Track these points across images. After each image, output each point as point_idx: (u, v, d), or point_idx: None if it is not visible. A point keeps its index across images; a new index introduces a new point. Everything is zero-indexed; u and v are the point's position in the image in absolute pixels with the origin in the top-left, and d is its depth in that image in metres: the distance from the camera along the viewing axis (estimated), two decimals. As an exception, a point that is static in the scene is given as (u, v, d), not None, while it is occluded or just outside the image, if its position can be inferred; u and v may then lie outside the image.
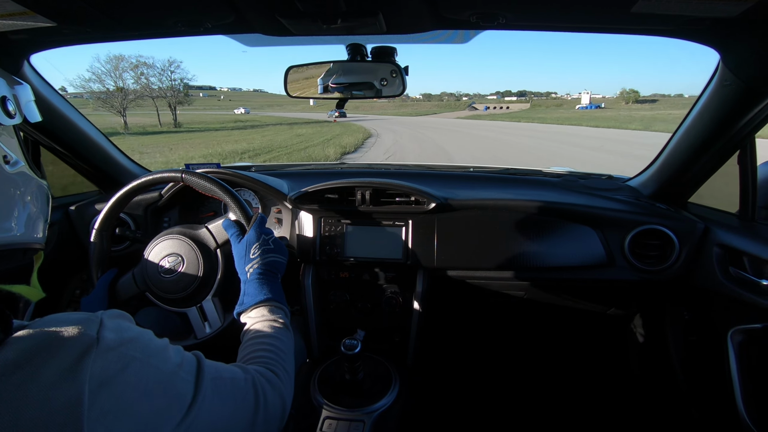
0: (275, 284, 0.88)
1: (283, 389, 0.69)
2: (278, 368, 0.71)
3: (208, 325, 1.04)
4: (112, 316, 0.49)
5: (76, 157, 1.41)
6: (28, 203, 0.54)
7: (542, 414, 1.66)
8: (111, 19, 0.93)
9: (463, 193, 1.39)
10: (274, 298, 0.84)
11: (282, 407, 0.68)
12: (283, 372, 0.71)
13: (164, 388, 0.49)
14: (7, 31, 0.95)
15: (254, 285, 0.85)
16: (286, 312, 0.85)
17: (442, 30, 1.01)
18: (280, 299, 0.86)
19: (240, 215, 0.99)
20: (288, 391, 0.71)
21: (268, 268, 0.89)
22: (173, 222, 1.40)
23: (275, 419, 0.66)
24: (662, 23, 0.86)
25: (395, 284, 1.38)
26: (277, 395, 0.67)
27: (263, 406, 0.63)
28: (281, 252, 0.94)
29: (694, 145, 1.18)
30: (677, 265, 1.25)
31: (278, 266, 0.92)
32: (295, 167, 1.79)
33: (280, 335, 0.78)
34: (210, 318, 1.03)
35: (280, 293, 0.87)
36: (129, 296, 1.04)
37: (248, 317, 0.82)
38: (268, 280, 0.87)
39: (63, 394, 0.40)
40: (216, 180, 1.03)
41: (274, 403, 0.66)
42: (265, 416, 0.63)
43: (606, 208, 1.33)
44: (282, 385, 0.69)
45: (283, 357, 0.74)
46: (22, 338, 0.41)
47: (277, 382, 0.68)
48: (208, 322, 1.04)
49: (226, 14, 0.89)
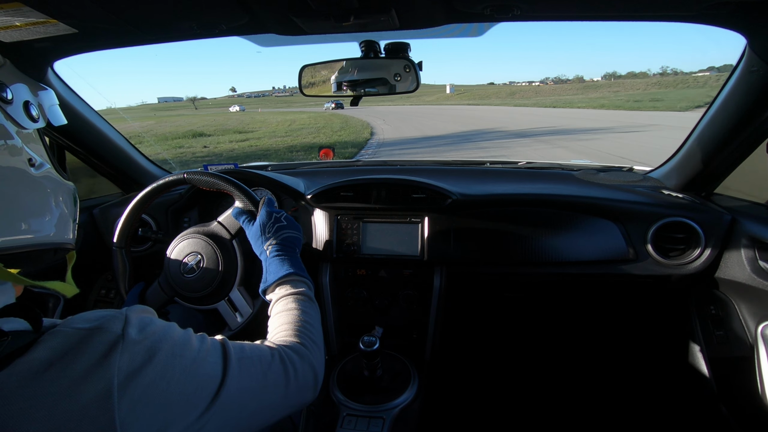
0: (295, 259, 0.89)
1: (312, 358, 0.69)
2: (305, 339, 0.72)
3: (239, 315, 1.05)
4: (137, 312, 0.50)
5: (99, 160, 1.45)
6: (56, 205, 0.56)
7: (562, 411, 1.64)
8: (129, 24, 0.95)
9: (480, 189, 1.38)
10: (295, 272, 0.85)
11: (313, 376, 0.69)
12: (310, 343, 0.72)
13: (191, 374, 0.50)
14: (31, 39, 0.98)
15: (275, 262, 0.86)
16: (309, 285, 0.86)
17: (455, 24, 1.00)
18: (302, 272, 0.87)
19: (246, 201, 1.01)
20: (318, 360, 0.71)
21: (286, 244, 0.90)
22: (193, 222, 1.43)
23: (308, 388, 0.67)
24: (684, 8, 0.84)
25: (412, 281, 1.38)
26: (306, 364, 0.68)
27: (293, 376, 0.64)
28: (295, 228, 0.95)
29: (719, 134, 1.14)
30: (703, 259, 1.21)
31: (295, 241, 0.93)
32: (310, 166, 1.81)
33: (305, 308, 0.79)
34: (240, 308, 1.05)
35: (301, 267, 0.88)
36: (159, 304, 1.07)
37: (273, 294, 0.84)
38: (288, 255, 0.88)
39: (93, 387, 0.41)
40: (217, 174, 1.05)
41: (305, 372, 0.67)
42: (297, 386, 0.64)
43: (627, 200, 1.30)
44: (311, 355, 0.70)
45: (309, 328, 0.75)
46: (54, 337, 0.43)
47: (305, 353, 0.69)
48: (239, 312, 1.05)
49: (240, 16, 0.90)
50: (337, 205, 1.36)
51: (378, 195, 1.32)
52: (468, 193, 1.32)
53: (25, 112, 0.53)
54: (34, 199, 0.52)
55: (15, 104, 0.51)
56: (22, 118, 0.52)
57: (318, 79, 1.18)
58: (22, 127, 0.52)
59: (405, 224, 1.34)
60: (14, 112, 0.51)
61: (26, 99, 0.54)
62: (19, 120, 0.51)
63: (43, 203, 0.53)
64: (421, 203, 1.32)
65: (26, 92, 0.54)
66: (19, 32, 0.94)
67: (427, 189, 1.31)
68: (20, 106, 0.52)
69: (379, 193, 1.32)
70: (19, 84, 0.53)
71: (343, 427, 1.12)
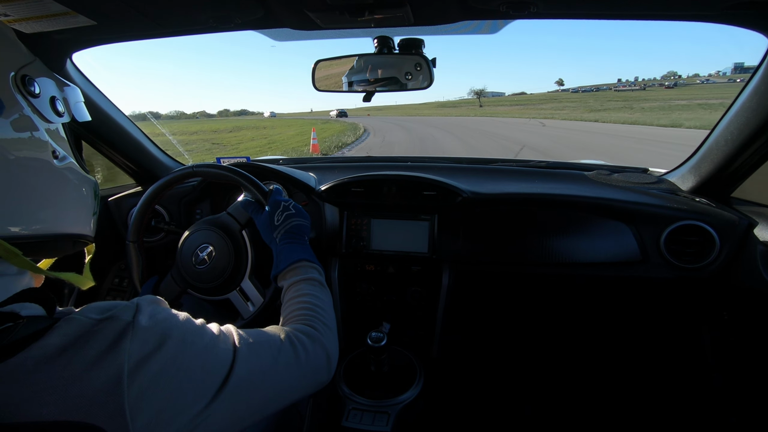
0: (305, 245, 0.91)
1: (324, 340, 0.70)
2: (316, 323, 0.73)
3: (251, 304, 1.06)
4: (148, 302, 0.51)
5: (115, 151, 1.47)
6: (77, 197, 0.58)
7: (568, 412, 1.63)
8: (146, 17, 0.96)
9: (491, 187, 1.37)
10: (306, 258, 0.87)
11: (326, 357, 0.69)
12: (321, 326, 0.73)
13: (201, 361, 0.51)
14: (51, 30, 1.00)
15: (285, 249, 0.88)
16: (320, 270, 0.88)
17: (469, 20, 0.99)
18: (312, 258, 0.89)
19: (254, 191, 1.02)
20: (330, 341, 0.72)
21: (295, 231, 0.92)
22: (205, 213, 1.45)
23: (322, 369, 0.68)
24: (706, 8, 0.82)
25: (421, 278, 1.38)
26: (318, 346, 0.68)
27: (304, 358, 0.65)
28: (303, 216, 0.96)
29: (738, 136, 1.11)
30: (717, 264, 1.19)
31: (304, 229, 0.95)
32: (321, 161, 1.81)
33: (316, 292, 0.81)
34: (252, 297, 1.06)
35: (311, 253, 0.90)
36: (173, 297, 1.08)
37: (284, 280, 0.85)
38: (298, 242, 0.91)
39: (104, 373, 0.42)
40: (225, 166, 1.06)
41: (316, 353, 0.68)
42: (309, 367, 0.65)
43: (640, 202, 1.28)
44: (322, 337, 0.71)
45: (320, 312, 0.76)
46: (68, 324, 0.44)
47: (317, 335, 0.70)
48: (251, 301, 1.06)
49: (256, 9, 0.91)
50: (347, 200, 1.36)
51: (388, 191, 1.32)
52: (479, 192, 1.32)
53: (51, 107, 0.54)
54: (55, 191, 0.53)
55: (42, 98, 0.53)
56: (48, 112, 0.53)
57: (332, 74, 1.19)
58: (47, 120, 0.53)
59: (415, 221, 1.34)
60: (41, 105, 0.52)
61: (53, 94, 0.55)
62: (45, 114, 0.53)
63: (64, 195, 0.55)
64: (431, 200, 1.32)
65: (53, 87, 0.56)
66: (40, 23, 0.95)
67: (437, 186, 1.30)
68: (47, 101, 0.54)
69: (389, 189, 1.32)
70: (46, 79, 0.55)
71: (349, 421, 1.13)
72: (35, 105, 0.52)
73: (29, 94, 0.51)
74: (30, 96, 0.51)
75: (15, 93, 0.49)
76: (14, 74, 0.50)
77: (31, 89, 0.51)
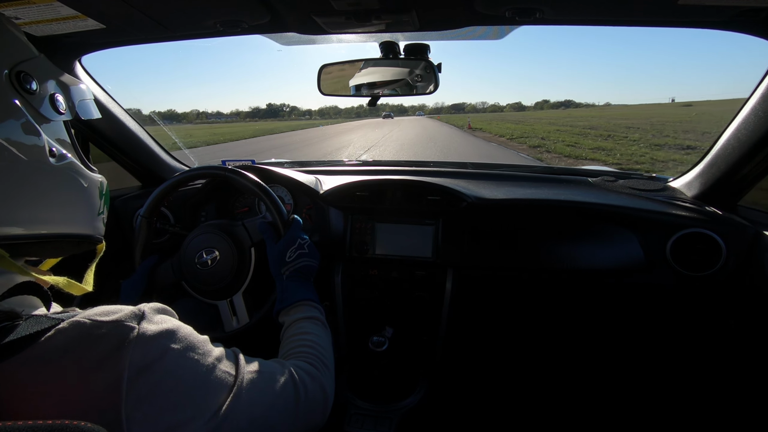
0: (310, 286, 0.93)
1: (323, 380, 0.71)
2: (317, 362, 0.74)
3: (236, 320, 1.06)
4: (155, 310, 0.51)
5: (121, 153, 1.48)
6: (77, 197, 0.56)
7: (572, 418, 1.61)
8: (155, 21, 0.97)
9: (495, 192, 1.36)
10: (311, 298, 0.89)
11: (323, 397, 0.70)
12: (322, 366, 0.74)
13: (202, 379, 0.50)
14: (61, 34, 1.01)
15: (291, 285, 0.90)
16: (322, 311, 0.89)
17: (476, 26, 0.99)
18: (316, 299, 0.91)
19: (277, 218, 1.02)
20: (328, 382, 0.73)
21: (304, 272, 0.93)
22: (210, 216, 1.45)
23: (318, 409, 0.69)
24: (712, 15, 0.81)
25: (424, 282, 1.38)
26: (317, 385, 0.69)
27: (303, 396, 0.65)
28: (315, 257, 0.98)
29: (746, 142, 1.10)
30: (724, 272, 1.18)
31: (312, 270, 0.96)
32: (326, 164, 1.81)
33: (318, 332, 0.82)
34: (239, 313, 1.06)
35: (315, 294, 0.92)
36: (166, 283, 1.08)
37: (287, 316, 0.86)
38: (303, 281, 0.92)
39: (104, 378, 0.42)
40: (256, 180, 1.06)
41: (315, 392, 0.68)
42: (306, 406, 0.65)
43: (645, 209, 1.27)
44: (321, 377, 0.71)
45: (322, 352, 0.77)
46: (72, 326, 0.44)
47: (317, 374, 0.71)
48: (237, 317, 1.06)
49: (263, 14, 0.92)
50: (351, 204, 1.36)
51: (393, 196, 1.32)
52: (483, 197, 1.31)
53: (51, 104, 0.53)
54: (51, 190, 0.52)
55: (39, 95, 0.52)
56: (46, 109, 0.53)
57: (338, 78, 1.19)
58: (45, 118, 0.52)
59: (419, 226, 1.34)
60: (37, 102, 0.51)
61: (53, 91, 0.54)
62: (43, 111, 0.52)
63: (62, 194, 0.53)
64: (435, 205, 1.31)
65: (53, 85, 0.55)
66: (50, 27, 0.96)
67: (442, 191, 1.30)
68: (45, 98, 0.53)
69: (394, 194, 1.32)
70: (46, 76, 0.54)
71: (351, 425, 1.13)
72: (30, 102, 0.50)
73: (24, 90, 0.50)
74: (25, 93, 0.50)
75: (8, 89, 0.48)
76: (8, 71, 0.49)
77: (27, 86, 0.50)
